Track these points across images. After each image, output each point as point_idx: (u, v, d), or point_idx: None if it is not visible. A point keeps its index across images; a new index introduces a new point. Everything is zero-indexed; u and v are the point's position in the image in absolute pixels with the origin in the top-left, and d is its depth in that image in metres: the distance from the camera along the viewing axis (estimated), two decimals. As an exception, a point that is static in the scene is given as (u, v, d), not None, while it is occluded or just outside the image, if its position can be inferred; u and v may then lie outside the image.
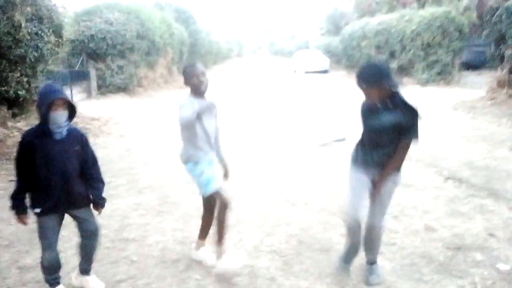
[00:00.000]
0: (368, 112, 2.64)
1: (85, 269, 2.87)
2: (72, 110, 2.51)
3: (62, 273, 2.78)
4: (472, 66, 17.83)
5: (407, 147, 2.60)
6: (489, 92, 10.37)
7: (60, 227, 2.67)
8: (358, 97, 2.71)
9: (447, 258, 3.21)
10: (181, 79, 2.96)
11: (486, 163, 5.62)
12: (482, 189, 4.68)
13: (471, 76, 16.56)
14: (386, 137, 2.59)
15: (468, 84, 14.74)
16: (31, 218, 2.60)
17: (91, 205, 2.74)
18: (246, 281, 2.97)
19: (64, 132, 2.50)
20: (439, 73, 15.10)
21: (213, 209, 3.08)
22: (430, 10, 15.41)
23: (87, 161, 2.67)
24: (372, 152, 2.66)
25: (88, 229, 2.73)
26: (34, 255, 3.33)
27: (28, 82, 7.15)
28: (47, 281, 2.70)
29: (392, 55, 17.31)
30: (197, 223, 3.93)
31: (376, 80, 2.46)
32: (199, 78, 2.88)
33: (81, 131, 2.73)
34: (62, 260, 2.77)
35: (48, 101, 2.38)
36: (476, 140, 6.97)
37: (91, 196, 2.71)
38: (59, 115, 2.42)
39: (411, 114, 2.54)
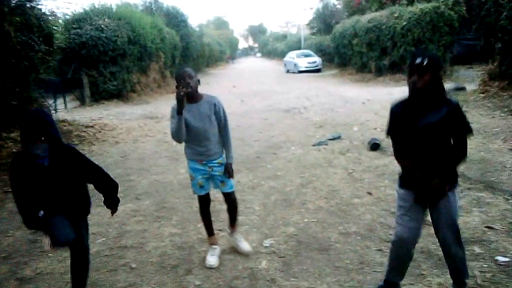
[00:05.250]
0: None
1: None
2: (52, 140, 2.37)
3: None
4: (463, 60, 17.93)
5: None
6: (481, 85, 10.42)
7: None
8: (349, 93, 2.71)
9: (446, 253, 3.22)
10: (174, 83, 2.94)
11: (481, 155, 5.65)
12: (478, 182, 4.70)
13: (462, 70, 16.66)
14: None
15: (460, 78, 14.81)
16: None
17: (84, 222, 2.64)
18: (246, 284, 2.96)
19: (46, 161, 2.38)
20: (431, 68, 15.20)
21: (202, 207, 3.34)
22: (419, 6, 15.49)
23: (87, 176, 2.56)
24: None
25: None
26: (33, 267, 3.31)
27: (20, 92, 7.11)
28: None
29: (383, 52, 17.37)
30: (195, 227, 3.95)
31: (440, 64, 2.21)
32: (184, 81, 2.84)
33: (70, 148, 2.54)
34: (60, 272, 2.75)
35: (23, 137, 2.31)
36: (470, 134, 7.00)
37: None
38: (35, 148, 2.31)
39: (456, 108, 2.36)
